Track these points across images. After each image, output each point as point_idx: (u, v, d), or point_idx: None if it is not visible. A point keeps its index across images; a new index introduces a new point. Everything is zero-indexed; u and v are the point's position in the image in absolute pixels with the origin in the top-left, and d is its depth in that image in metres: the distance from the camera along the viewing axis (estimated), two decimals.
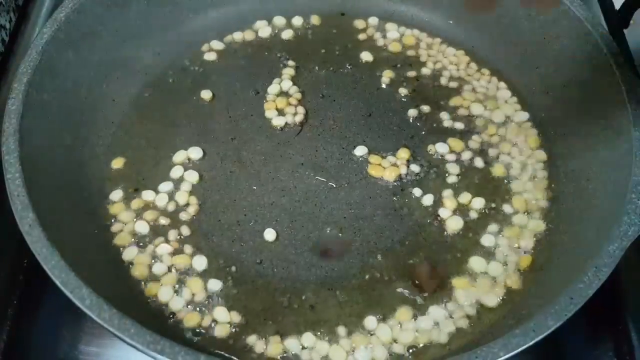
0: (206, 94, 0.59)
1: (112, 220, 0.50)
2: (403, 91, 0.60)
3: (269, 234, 0.50)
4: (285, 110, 0.58)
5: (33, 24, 0.67)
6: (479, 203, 0.52)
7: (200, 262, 0.48)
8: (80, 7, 0.53)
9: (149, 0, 0.59)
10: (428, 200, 0.52)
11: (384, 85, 0.60)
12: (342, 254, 0.48)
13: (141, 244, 0.49)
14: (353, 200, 0.52)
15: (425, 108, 0.58)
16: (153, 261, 0.48)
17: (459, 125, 0.57)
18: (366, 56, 0.62)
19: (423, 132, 0.57)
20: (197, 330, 0.45)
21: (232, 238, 0.50)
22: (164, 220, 0.50)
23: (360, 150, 0.55)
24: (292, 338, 0.44)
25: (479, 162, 0.55)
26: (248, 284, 0.47)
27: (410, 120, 0.58)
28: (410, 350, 0.44)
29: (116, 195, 0.51)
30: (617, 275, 0.48)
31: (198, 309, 0.46)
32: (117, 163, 0.54)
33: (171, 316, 0.45)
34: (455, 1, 0.63)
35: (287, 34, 0.64)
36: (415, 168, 0.54)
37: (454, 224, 0.51)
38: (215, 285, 0.47)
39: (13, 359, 0.46)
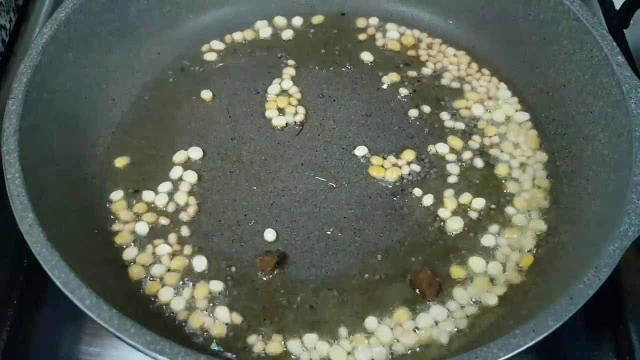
0: (206, 94, 0.59)
1: (112, 220, 0.50)
2: (403, 91, 0.60)
3: (269, 234, 0.50)
4: (286, 110, 0.58)
5: (33, 24, 0.67)
6: (479, 203, 0.52)
7: (200, 263, 0.48)
8: (80, 7, 0.53)
9: (149, 1, 0.59)
10: (428, 200, 0.52)
11: (384, 85, 0.60)
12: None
13: (141, 244, 0.49)
14: (353, 200, 0.52)
15: (426, 108, 0.58)
16: (153, 261, 0.48)
17: (460, 126, 0.57)
18: (366, 56, 0.62)
19: (423, 132, 0.57)
20: (198, 331, 0.45)
21: (232, 238, 0.50)
22: (164, 221, 0.50)
23: (360, 150, 0.55)
24: (292, 338, 0.44)
25: (479, 162, 0.55)
26: (248, 284, 0.47)
27: (411, 121, 0.58)
28: (410, 351, 0.44)
29: (116, 195, 0.51)
30: (617, 275, 0.48)
31: (198, 309, 0.46)
32: (121, 161, 0.54)
33: (171, 316, 0.45)
34: (455, 1, 0.63)
35: (287, 34, 0.64)
36: (415, 168, 0.54)
37: (454, 224, 0.51)
38: (216, 286, 0.47)
39: (13, 359, 0.46)
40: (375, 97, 0.59)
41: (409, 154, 0.55)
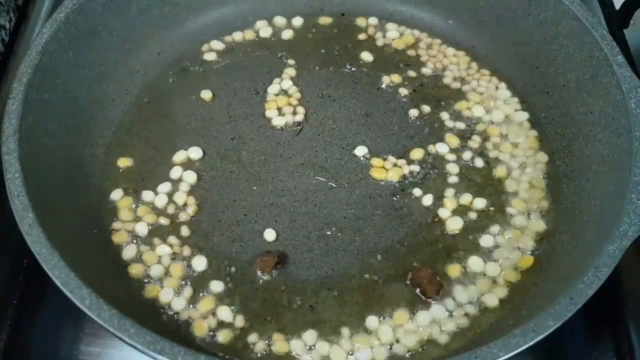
0: (206, 94, 0.59)
1: (112, 221, 0.50)
2: (403, 91, 0.60)
3: (269, 234, 0.50)
4: (285, 110, 0.58)
5: (33, 24, 0.67)
6: (479, 203, 0.52)
7: (200, 263, 0.48)
8: (80, 7, 0.53)
9: (149, 1, 0.59)
10: (428, 200, 0.52)
11: (384, 85, 0.60)
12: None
13: (141, 244, 0.49)
14: (353, 200, 0.52)
15: (426, 108, 0.58)
16: (153, 262, 0.48)
17: (460, 125, 0.57)
18: (366, 56, 0.62)
19: (423, 132, 0.57)
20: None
21: (232, 238, 0.50)
22: (163, 221, 0.50)
23: (360, 151, 0.55)
24: (292, 338, 0.44)
25: (479, 162, 0.55)
26: (247, 284, 0.47)
27: (411, 121, 0.58)
28: (411, 351, 0.44)
29: (116, 195, 0.51)
30: (617, 275, 0.48)
31: (201, 317, 0.46)
32: (121, 161, 0.54)
33: (172, 316, 0.45)
34: (455, 1, 0.63)
35: (287, 34, 0.64)
36: (415, 168, 0.54)
37: (453, 224, 0.51)
38: (216, 286, 0.47)
39: (13, 359, 0.46)
40: (375, 97, 0.59)
41: (417, 153, 0.55)
